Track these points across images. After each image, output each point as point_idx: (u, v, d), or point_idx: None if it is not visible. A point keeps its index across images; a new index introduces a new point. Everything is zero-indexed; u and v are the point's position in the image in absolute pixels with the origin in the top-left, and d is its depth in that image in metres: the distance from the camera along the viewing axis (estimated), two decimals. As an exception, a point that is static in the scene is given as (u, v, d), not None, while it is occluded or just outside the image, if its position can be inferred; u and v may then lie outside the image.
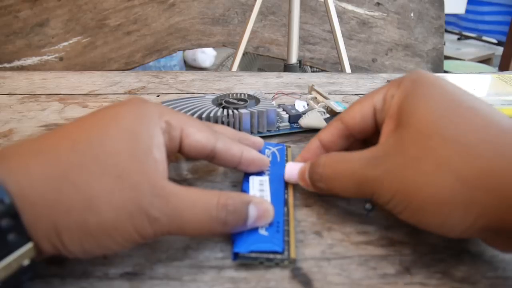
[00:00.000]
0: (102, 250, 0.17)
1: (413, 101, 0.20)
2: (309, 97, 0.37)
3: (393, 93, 0.22)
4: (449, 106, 0.19)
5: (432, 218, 0.18)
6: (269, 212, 0.20)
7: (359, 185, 0.20)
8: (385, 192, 0.19)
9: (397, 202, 0.19)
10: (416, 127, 0.19)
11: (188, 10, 1.05)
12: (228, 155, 0.23)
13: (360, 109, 0.23)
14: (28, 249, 0.16)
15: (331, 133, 0.24)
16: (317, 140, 0.25)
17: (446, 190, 0.17)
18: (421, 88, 0.21)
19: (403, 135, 0.19)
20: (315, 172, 0.22)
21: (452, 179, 0.17)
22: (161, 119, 0.20)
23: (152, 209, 0.17)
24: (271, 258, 0.19)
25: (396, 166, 0.19)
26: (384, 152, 0.20)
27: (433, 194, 0.18)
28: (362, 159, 0.20)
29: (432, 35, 1.14)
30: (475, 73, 0.48)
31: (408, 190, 0.18)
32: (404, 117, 0.20)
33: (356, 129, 0.24)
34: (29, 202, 0.16)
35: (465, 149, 0.18)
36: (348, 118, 0.24)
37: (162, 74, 0.50)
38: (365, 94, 0.24)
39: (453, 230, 0.18)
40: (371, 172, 0.19)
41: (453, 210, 0.17)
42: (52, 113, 0.38)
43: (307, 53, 1.11)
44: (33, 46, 0.97)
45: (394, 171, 0.19)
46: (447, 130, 0.18)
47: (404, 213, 0.19)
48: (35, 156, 0.17)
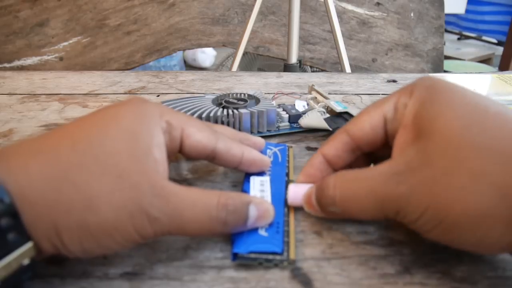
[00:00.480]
0: (102, 250, 0.17)
1: (433, 108, 0.18)
2: (309, 97, 0.37)
3: (405, 102, 0.20)
4: (475, 112, 0.18)
5: (468, 235, 0.17)
6: (269, 212, 0.20)
7: (382, 204, 0.18)
8: (413, 209, 0.17)
9: (428, 219, 0.17)
10: (442, 136, 0.17)
11: (188, 10, 1.05)
12: (229, 156, 0.23)
13: (369, 119, 0.21)
14: (28, 248, 0.16)
15: (336, 147, 0.22)
16: (320, 155, 0.23)
17: (484, 204, 0.16)
18: (439, 94, 0.19)
19: (427, 145, 0.18)
20: (325, 196, 0.20)
21: (491, 191, 0.16)
22: (162, 119, 0.20)
23: (152, 209, 0.17)
24: (270, 259, 0.19)
25: (424, 181, 0.17)
26: (407, 166, 0.18)
27: (470, 208, 0.16)
28: (382, 175, 0.18)
29: (432, 35, 1.14)
30: (475, 73, 0.48)
31: (440, 206, 0.17)
32: (425, 126, 0.18)
33: (365, 141, 0.22)
34: (29, 201, 0.16)
35: (501, 159, 0.16)
36: (355, 130, 0.22)
37: (162, 74, 0.50)
38: (372, 104, 0.22)
39: (492, 247, 0.17)
40: (395, 189, 0.18)
41: (493, 225, 0.16)
42: (52, 113, 0.38)
43: (307, 53, 1.11)
44: (33, 46, 0.97)
45: (422, 187, 0.17)
46: (478, 138, 0.17)
47: (435, 231, 0.17)
48: (35, 155, 0.17)
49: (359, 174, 0.20)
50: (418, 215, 0.17)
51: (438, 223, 0.17)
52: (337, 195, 0.20)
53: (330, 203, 0.20)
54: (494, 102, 0.18)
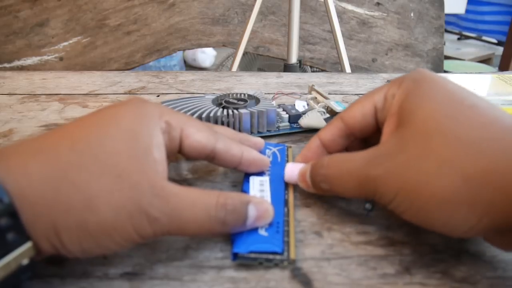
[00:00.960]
0: (102, 250, 0.17)
1: (414, 100, 0.20)
2: (309, 97, 0.37)
3: (394, 92, 0.22)
4: (451, 105, 0.19)
5: (435, 217, 0.18)
6: (269, 212, 0.20)
7: (362, 184, 0.20)
8: (387, 191, 0.19)
9: (400, 201, 0.19)
10: (418, 125, 0.19)
11: (188, 10, 1.05)
12: (228, 156, 0.23)
13: (361, 108, 0.23)
14: (27, 248, 0.16)
15: (332, 132, 0.24)
16: (318, 139, 0.25)
17: (449, 189, 0.17)
18: (423, 86, 0.21)
19: (404, 134, 0.19)
20: (318, 173, 0.22)
21: (456, 178, 0.17)
22: (161, 119, 0.20)
23: (152, 209, 0.17)
24: (270, 258, 0.19)
25: (398, 165, 0.19)
26: (385, 151, 0.20)
27: (436, 192, 0.17)
28: (365, 158, 0.20)
29: (432, 35, 1.14)
30: (475, 73, 0.48)
31: (410, 189, 0.18)
32: (406, 116, 0.20)
33: (357, 128, 0.23)
34: (28, 201, 0.16)
35: (468, 147, 0.17)
36: (348, 117, 0.24)
37: (162, 74, 0.50)
38: (366, 93, 0.24)
39: (457, 229, 0.18)
40: (373, 171, 0.19)
41: (457, 209, 0.17)
42: (52, 113, 0.38)
43: (307, 53, 1.11)
44: (33, 46, 0.97)
45: (396, 170, 0.19)
46: (449, 128, 0.18)
47: (407, 213, 0.19)
48: (35, 155, 0.17)
49: (348, 157, 0.21)
50: (391, 197, 0.19)
51: (409, 205, 0.18)
52: (327, 173, 0.21)
53: (322, 180, 0.22)
54: (472, 96, 0.20)
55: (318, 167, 0.22)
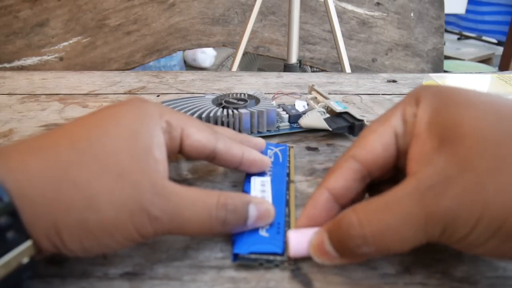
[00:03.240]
0: (102, 249, 0.17)
1: (451, 112, 0.17)
2: (309, 97, 0.37)
3: (413, 111, 0.19)
4: (497, 107, 0.17)
5: None
6: (270, 212, 0.20)
7: (423, 227, 0.16)
8: (463, 222, 0.15)
9: (482, 230, 0.15)
10: (474, 136, 0.16)
11: (188, 10, 1.05)
12: (229, 156, 0.23)
13: (379, 138, 0.19)
14: (27, 247, 0.16)
15: (344, 177, 0.19)
16: (325, 190, 0.20)
17: None
18: (451, 97, 0.18)
19: (459, 150, 0.16)
20: (352, 237, 0.16)
21: None
22: (162, 119, 0.20)
23: (153, 208, 0.17)
24: (271, 259, 0.19)
25: (470, 187, 0.15)
26: (441, 176, 0.16)
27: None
28: (414, 194, 0.16)
29: (432, 35, 1.14)
30: (475, 73, 0.48)
31: (495, 211, 0.15)
32: (448, 131, 0.17)
33: (378, 165, 0.19)
34: (28, 200, 0.16)
35: None
36: (365, 153, 0.19)
37: (162, 74, 0.50)
38: (375, 121, 0.20)
39: None
40: (436, 205, 0.15)
41: None
42: (52, 113, 0.38)
43: (307, 53, 1.11)
44: (33, 46, 0.97)
45: (469, 194, 0.15)
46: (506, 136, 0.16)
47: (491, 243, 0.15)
48: (35, 154, 0.17)
49: (384, 201, 0.17)
50: (469, 229, 0.15)
51: (494, 232, 0.15)
52: (367, 231, 0.16)
53: (361, 243, 0.16)
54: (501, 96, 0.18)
55: (346, 229, 0.17)
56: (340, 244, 0.17)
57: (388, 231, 0.16)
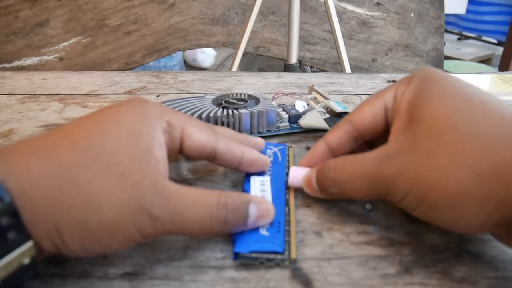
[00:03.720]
0: (103, 249, 0.17)
1: (424, 97, 0.20)
2: (309, 97, 0.37)
3: (403, 91, 0.22)
4: (462, 100, 0.19)
5: (447, 213, 0.18)
6: (270, 211, 0.20)
7: (374, 185, 0.20)
8: (399, 189, 0.19)
9: (412, 198, 0.18)
10: (429, 122, 0.19)
11: (188, 10, 1.05)
12: (229, 156, 0.23)
13: (371, 109, 0.23)
14: (28, 247, 0.16)
15: (339, 135, 0.24)
16: (324, 143, 0.24)
17: (461, 184, 0.17)
18: (432, 84, 0.20)
19: (415, 131, 0.19)
20: (326, 177, 0.21)
21: (468, 173, 0.17)
22: (162, 119, 0.20)
23: (153, 207, 0.17)
24: (271, 258, 0.19)
25: (410, 163, 0.18)
26: (396, 150, 0.19)
27: (448, 188, 0.17)
28: (375, 159, 0.20)
29: (432, 35, 1.14)
30: (475, 73, 0.48)
31: (423, 185, 0.18)
32: (416, 113, 0.20)
33: (367, 130, 0.23)
34: (29, 200, 0.16)
35: (480, 142, 0.17)
36: (358, 119, 0.23)
37: (162, 74, 0.50)
38: (374, 94, 0.23)
39: (468, 225, 0.18)
40: (384, 171, 0.19)
41: (469, 204, 0.17)
42: (52, 113, 0.38)
43: (307, 53, 1.11)
44: (33, 46, 0.97)
45: (408, 168, 0.18)
46: (461, 124, 0.18)
47: (419, 209, 0.19)
48: (36, 154, 0.17)
49: (357, 158, 0.21)
50: (403, 195, 0.19)
51: (420, 202, 0.18)
52: (336, 177, 0.21)
53: (330, 184, 0.21)
54: (482, 92, 0.20)
55: (325, 171, 0.22)
56: (319, 181, 0.22)
57: (348, 180, 0.21)
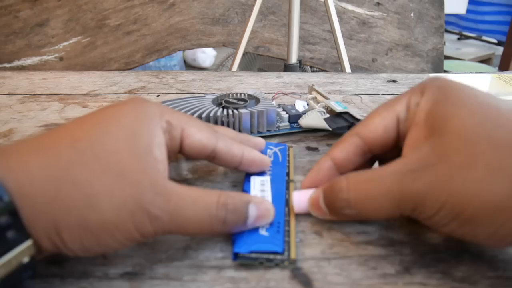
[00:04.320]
0: (102, 248, 0.17)
1: (446, 107, 0.19)
2: (309, 97, 0.37)
3: (417, 101, 0.21)
4: (488, 110, 0.18)
5: (484, 227, 0.17)
6: (270, 212, 0.20)
7: (398, 202, 0.18)
8: (430, 205, 0.17)
9: (445, 214, 0.17)
10: (457, 133, 0.18)
11: (188, 10, 1.05)
12: (229, 156, 0.23)
13: (381, 120, 0.21)
14: (27, 246, 0.16)
15: (347, 150, 0.22)
16: (329, 159, 0.23)
17: (501, 196, 0.16)
18: (452, 93, 0.19)
19: (442, 142, 0.18)
20: (338, 198, 0.20)
21: (507, 184, 0.16)
22: (162, 119, 0.20)
23: (153, 207, 0.17)
24: (271, 258, 0.19)
25: (441, 176, 0.17)
26: (422, 163, 0.18)
27: (487, 201, 0.16)
28: (396, 174, 0.18)
29: (432, 35, 1.14)
30: (475, 73, 0.48)
31: (458, 200, 0.17)
32: (439, 123, 0.19)
33: (378, 144, 0.22)
34: (29, 199, 0.16)
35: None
36: (368, 132, 0.22)
37: (162, 74, 0.50)
38: (384, 104, 0.22)
39: (503, 239, 0.17)
40: (411, 187, 0.18)
41: (507, 217, 0.16)
42: (52, 113, 0.38)
43: (307, 53, 1.11)
44: (33, 46, 0.97)
45: (439, 182, 0.17)
46: (493, 134, 0.17)
47: (451, 225, 0.18)
48: (35, 154, 0.17)
49: (372, 175, 0.19)
50: (435, 211, 0.17)
51: (455, 217, 0.17)
52: (352, 197, 0.19)
53: (345, 205, 0.20)
54: (503, 101, 0.19)
55: (336, 190, 0.20)
56: (330, 203, 0.20)
57: (368, 200, 0.19)
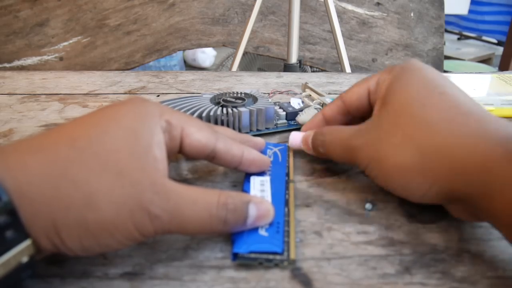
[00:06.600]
0: (102, 248, 0.17)
1: (396, 85, 0.23)
2: (303, 95, 0.37)
3: (385, 78, 0.25)
4: (423, 90, 0.22)
5: (397, 182, 0.22)
6: (269, 212, 0.20)
7: (346, 151, 0.24)
8: (363, 159, 0.23)
9: (372, 168, 0.22)
10: (393, 107, 0.23)
11: (188, 10, 1.05)
12: (228, 155, 0.23)
13: (357, 90, 0.27)
14: (26, 245, 0.16)
15: (332, 109, 0.28)
16: (321, 114, 0.29)
17: (408, 159, 0.21)
18: (406, 74, 0.24)
19: (382, 113, 0.23)
20: (317, 139, 0.26)
21: (414, 151, 0.21)
22: (162, 118, 0.20)
23: (153, 206, 0.17)
24: (270, 259, 0.19)
25: (373, 138, 0.22)
26: (366, 127, 0.24)
27: (398, 162, 0.21)
28: (351, 131, 0.24)
29: (432, 35, 1.14)
30: (475, 73, 0.48)
31: (379, 158, 0.22)
32: (387, 98, 0.23)
33: (353, 107, 0.27)
34: (27, 199, 0.16)
35: (428, 127, 0.21)
36: (346, 97, 0.27)
37: (162, 74, 0.50)
38: (362, 79, 0.27)
39: (414, 194, 0.21)
40: (354, 142, 0.23)
41: (413, 176, 0.21)
42: (52, 113, 0.38)
43: (307, 53, 1.11)
44: (33, 46, 0.97)
45: (371, 142, 0.22)
46: (416, 110, 0.22)
47: (377, 179, 0.23)
48: (34, 153, 0.17)
49: (340, 128, 0.26)
50: (366, 164, 0.23)
51: (378, 172, 0.22)
52: (326, 140, 0.26)
53: (320, 144, 0.26)
54: (448, 85, 0.23)
55: (318, 134, 0.26)
56: (313, 141, 0.27)
57: (331, 144, 0.25)
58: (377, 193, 0.25)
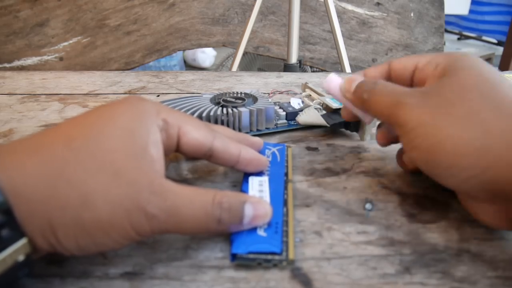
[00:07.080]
0: (98, 247, 0.17)
1: (462, 64, 0.22)
2: (303, 95, 0.37)
3: (439, 62, 0.23)
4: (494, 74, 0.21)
5: (444, 157, 0.19)
6: (267, 212, 0.20)
7: (393, 105, 0.22)
8: (411, 120, 0.21)
9: (418, 134, 0.20)
10: (459, 80, 0.21)
11: (188, 10, 1.05)
12: (226, 154, 0.23)
13: (406, 61, 0.26)
14: (22, 244, 0.16)
15: (376, 70, 0.27)
16: (363, 73, 0.28)
17: (467, 134, 0.19)
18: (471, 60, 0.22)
19: (444, 83, 0.21)
20: (366, 85, 0.25)
21: (477, 126, 0.19)
22: (158, 117, 0.20)
23: (150, 206, 0.17)
24: (269, 259, 0.19)
25: (430, 102, 0.21)
26: (423, 90, 0.22)
27: (454, 135, 0.19)
28: (405, 89, 0.23)
29: (432, 35, 1.14)
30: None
31: (431, 125, 0.20)
32: (450, 72, 0.22)
33: (396, 75, 0.26)
34: (23, 198, 0.16)
35: (497, 107, 0.19)
36: (394, 63, 0.27)
37: (162, 74, 0.50)
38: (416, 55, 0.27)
39: (459, 174, 0.19)
40: (407, 99, 0.22)
41: (468, 152, 0.19)
42: (52, 113, 0.38)
43: (307, 53, 1.11)
44: (33, 46, 0.97)
45: (426, 105, 0.21)
46: (487, 90, 0.20)
47: (418, 148, 0.20)
48: (30, 153, 0.17)
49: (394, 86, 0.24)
50: (411, 127, 0.21)
51: (423, 139, 0.20)
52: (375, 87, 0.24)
53: (367, 91, 0.25)
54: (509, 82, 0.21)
55: (369, 80, 0.26)
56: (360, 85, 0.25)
57: (381, 93, 0.24)
58: (377, 193, 0.25)
